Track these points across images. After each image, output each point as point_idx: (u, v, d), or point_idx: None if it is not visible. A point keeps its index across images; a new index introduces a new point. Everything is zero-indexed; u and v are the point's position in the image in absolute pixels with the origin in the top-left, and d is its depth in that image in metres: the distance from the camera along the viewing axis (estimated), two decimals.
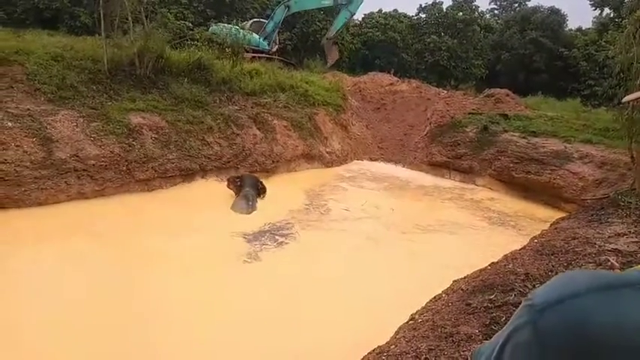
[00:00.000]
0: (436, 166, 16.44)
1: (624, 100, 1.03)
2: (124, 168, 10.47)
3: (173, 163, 11.37)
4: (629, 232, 7.09)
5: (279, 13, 23.36)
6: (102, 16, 12.53)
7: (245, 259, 7.87)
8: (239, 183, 10.78)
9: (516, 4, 47.30)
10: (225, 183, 11.29)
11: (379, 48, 34.21)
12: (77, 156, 9.82)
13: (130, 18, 12.93)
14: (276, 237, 8.96)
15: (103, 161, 10.15)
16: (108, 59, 12.29)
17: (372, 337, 4.84)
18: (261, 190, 11.06)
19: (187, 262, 7.39)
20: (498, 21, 40.76)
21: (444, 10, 35.55)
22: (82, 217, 8.87)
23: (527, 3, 45.46)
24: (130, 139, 10.85)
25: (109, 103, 11.47)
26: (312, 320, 6.05)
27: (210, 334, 5.58)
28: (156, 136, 11.38)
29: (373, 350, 4.50)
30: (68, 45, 12.91)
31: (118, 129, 10.78)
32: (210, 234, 8.61)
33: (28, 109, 9.88)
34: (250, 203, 10.19)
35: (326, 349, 5.44)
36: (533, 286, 5.02)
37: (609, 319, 0.62)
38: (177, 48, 15.78)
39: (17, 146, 9.05)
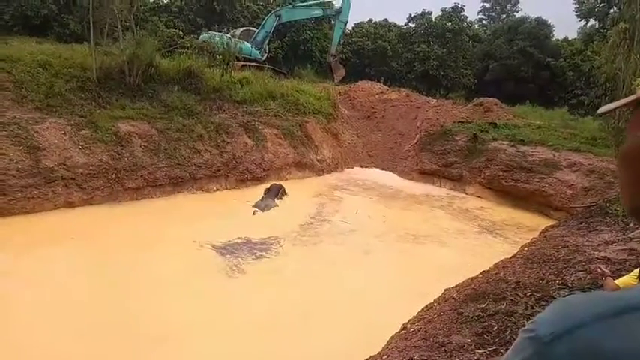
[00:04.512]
0: (426, 175, 16.50)
1: (599, 111, 1.02)
2: (113, 177, 10.36)
3: (163, 172, 11.28)
4: (618, 239, 7.15)
5: (270, 23, 23.41)
6: (92, 23, 12.45)
7: (228, 272, 7.79)
8: (266, 192, 12.33)
9: (504, 15, 48.05)
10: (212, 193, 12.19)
11: (369, 57, 34.44)
12: (65, 164, 9.69)
13: (120, 26, 12.88)
14: (269, 248, 8.90)
15: (91, 170, 10.03)
16: (97, 67, 12.21)
17: (364, 347, 4.80)
18: (279, 194, 12.36)
19: (172, 274, 7.29)
20: (486, 31, 41.28)
21: (433, 19, 35.88)
22: (67, 227, 8.73)
23: (514, 14, 46.26)
24: (119, 148, 10.75)
25: (98, 111, 11.37)
26: (302, 331, 5.99)
27: (196, 347, 5.50)
28: (145, 144, 11.28)
29: None
30: (57, 53, 12.80)
31: (107, 137, 10.68)
32: (194, 246, 8.49)
33: (15, 117, 9.76)
34: (262, 205, 11.53)
35: (319, 359, 5.39)
36: (525, 295, 5.03)
37: (620, 347, 0.60)
38: (167, 56, 15.72)
39: (3, 154, 8.92)
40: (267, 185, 12.97)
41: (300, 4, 25.86)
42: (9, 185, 8.77)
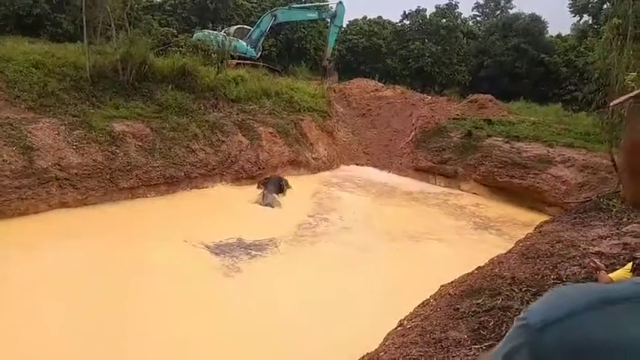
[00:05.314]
0: (422, 172, 16.53)
1: (612, 104, 1.01)
2: (108, 176, 10.31)
3: (158, 171, 11.23)
4: (612, 234, 7.19)
5: (266, 22, 23.35)
6: (84, 22, 12.37)
7: (225, 271, 7.78)
8: (265, 183, 12.43)
9: (498, 11, 48.12)
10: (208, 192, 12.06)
11: (364, 54, 34.49)
12: (59, 165, 9.64)
13: (113, 24, 12.79)
14: (265, 247, 8.89)
15: (85, 170, 9.98)
16: (90, 66, 12.13)
17: (360, 344, 4.81)
18: (282, 188, 12.38)
19: (166, 273, 7.26)
20: (481, 28, 41.36)
21: (428, 16, 35.94)
22: (61, 228, 8.68)
23: (508, 10, 46.34)
24: (114, 147, 10.70)
25: (92, 111, 11.31)
26: (300, 329, 6.00)
27: (194, 344, 5.50)
28: (140, 143, 11.23)
29: (362, 357, 4.46)
30: (49, 52, 12.70)
31: (101, 137, 10.62)
32: (189, 246, 8.46)
33: (8, 118, 9.68)
34: (265, 199, 11.47)
35: (316, 357, 5.40)
36: (520, 290, 5.06)
37: (610, 336, 0.61)
38: (161, 55, 15.65)
39: None
40: None
41: (297, 5, 25.84)
42: (2, 186, 8.70)
